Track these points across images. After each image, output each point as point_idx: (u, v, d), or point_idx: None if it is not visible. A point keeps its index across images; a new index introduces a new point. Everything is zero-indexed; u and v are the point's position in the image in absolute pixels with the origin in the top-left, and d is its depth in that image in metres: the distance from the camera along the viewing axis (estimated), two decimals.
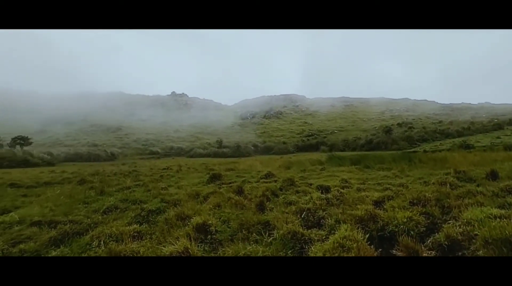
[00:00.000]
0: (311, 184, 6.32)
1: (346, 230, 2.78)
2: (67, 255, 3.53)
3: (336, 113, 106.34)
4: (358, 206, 3.73)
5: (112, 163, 27.88)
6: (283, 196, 5.13)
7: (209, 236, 3.47)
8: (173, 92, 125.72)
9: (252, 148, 50.55)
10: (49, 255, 3.61)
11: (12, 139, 29.21)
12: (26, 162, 23.74)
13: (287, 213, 3.94)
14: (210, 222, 3.68)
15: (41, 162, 25.07)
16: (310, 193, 5.02)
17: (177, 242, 3.11)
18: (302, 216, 3.78)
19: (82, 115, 72.98)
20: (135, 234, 3.91)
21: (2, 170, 18.93)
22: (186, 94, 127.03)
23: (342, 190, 5.07)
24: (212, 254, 3.01)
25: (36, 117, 67.37)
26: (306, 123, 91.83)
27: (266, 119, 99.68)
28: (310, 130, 77.30)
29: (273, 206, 4.46)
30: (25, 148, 28.01)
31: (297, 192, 5.50)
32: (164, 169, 17.35)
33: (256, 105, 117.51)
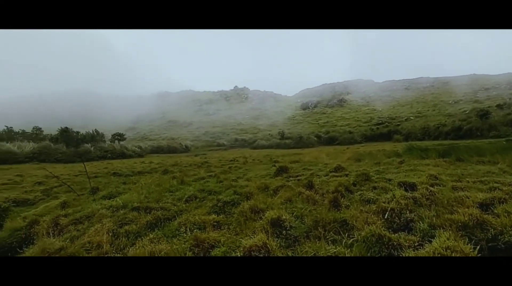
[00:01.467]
0: (390, 180, 5.69)
1: (448, 238, 2.37)
2: (161, 238, 4.04)
3: (412, 96, 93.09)
4: (459, 210, 3.15)
5: (187, 155, 31.05)
6: (358, 192, 4.76)
7: (284, 232, 3.48)
8: (236, 86, 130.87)
9: (315, 138, 48.88)
10: (147, 238, 4.22)
11: (112, 135, 35.67)
12: (122, 154, 28.64)
13: (366, 212, 3.63)
14: (284, 217, 3.68)
15: (133, 154, 29.83)
16: (391, 191, 4.51)
17: (255, 235, 3.22)
18: (386, 217, 3.42)
19: (160, 113, 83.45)
20: (215, 223, 4.23)
21: (106, 161, 23.21)
22: (247, 88, 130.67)
23: (431, 188, 4.39)
24: (290, 250, 3.01)
25: (126, 116, 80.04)
26: (374, 110, 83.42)
27: (329, 108, 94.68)
28: (379, 117, 69.91)
29: (348, 204, 4.19)
30: (121, 142, 33.77)
31: (375, 188, 5.03)
32: (231, 160, 18.39)
33: (317, 94, 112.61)
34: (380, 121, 64.10)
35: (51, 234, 4.97)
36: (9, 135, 32.97)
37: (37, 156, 24.51)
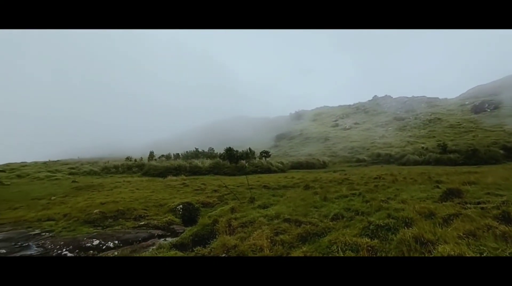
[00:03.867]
0: None
1: None
2: (314, 253, 4.19)
3: None
4: None
5: (325, 171, 30.95)
6: None
7: None
8: (375, 96, 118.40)
9: (501, 151, 35.23)
10: (300, 250, 4.48)
11: (260, 153, 41.54)
12: (269, 170, 32.58)
13: None
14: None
15: (277, 169, 33.24)
16: None
17: None
18: None
19: (298, 131, 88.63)
20: (369, 248, 3.92)
21: (257, 175, 27.07)
22: (389, 96, 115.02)
23: None
24: None
25: (270, 135, 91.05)
26: None
27: None
28: None
29: None
30: (267, 159, 38.62)
31: None
32: (375, 178, 16.59)
33: (496, 91, 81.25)
34: None
35: (227, 232, 6.35)
36: (197, 154, 45.90)
37: (212, 169, 32.48)
